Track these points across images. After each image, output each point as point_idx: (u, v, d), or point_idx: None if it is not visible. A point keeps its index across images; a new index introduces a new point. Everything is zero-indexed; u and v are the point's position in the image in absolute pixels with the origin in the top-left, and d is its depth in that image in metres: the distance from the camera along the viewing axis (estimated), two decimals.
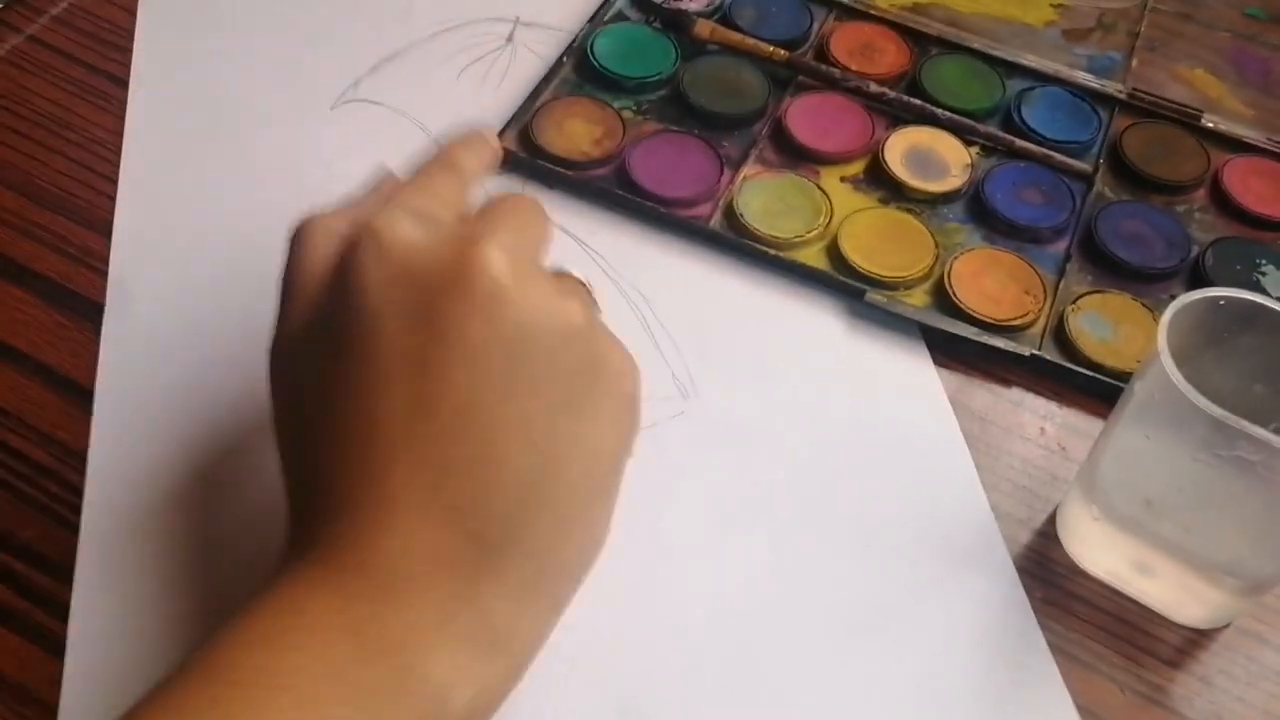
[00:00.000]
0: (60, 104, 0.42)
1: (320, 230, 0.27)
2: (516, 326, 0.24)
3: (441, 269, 0.24)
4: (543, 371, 0.24)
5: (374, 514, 0.23)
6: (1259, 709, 0.30)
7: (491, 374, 0.24)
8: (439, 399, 0.24)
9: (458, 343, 0.24)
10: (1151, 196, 0.41)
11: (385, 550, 0.23)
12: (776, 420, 0.34)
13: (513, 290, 0.24)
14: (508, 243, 0.25)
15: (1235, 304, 0.28)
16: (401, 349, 0.24)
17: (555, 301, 0.25)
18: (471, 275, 0.24)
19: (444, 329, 0.24)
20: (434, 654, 0.23)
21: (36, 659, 0.29)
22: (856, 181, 0.41)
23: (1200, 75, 0.45)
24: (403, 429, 0.24)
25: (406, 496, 0.23)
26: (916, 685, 0.30)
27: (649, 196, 0.39)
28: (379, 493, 0.24)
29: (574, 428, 0.24)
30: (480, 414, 0.24)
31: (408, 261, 0.24)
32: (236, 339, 0.35)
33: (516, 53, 0.45)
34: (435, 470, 0.23)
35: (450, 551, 0.23)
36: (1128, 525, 0.30)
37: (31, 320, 0.35)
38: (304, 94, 0.42)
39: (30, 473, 0.32)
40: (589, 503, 0.25)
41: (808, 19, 0.46)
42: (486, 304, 0.24)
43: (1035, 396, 0.36)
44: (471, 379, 0.24)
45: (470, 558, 0.23)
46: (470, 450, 0.24)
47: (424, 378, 0.24)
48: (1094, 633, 0.31)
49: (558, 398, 0.24)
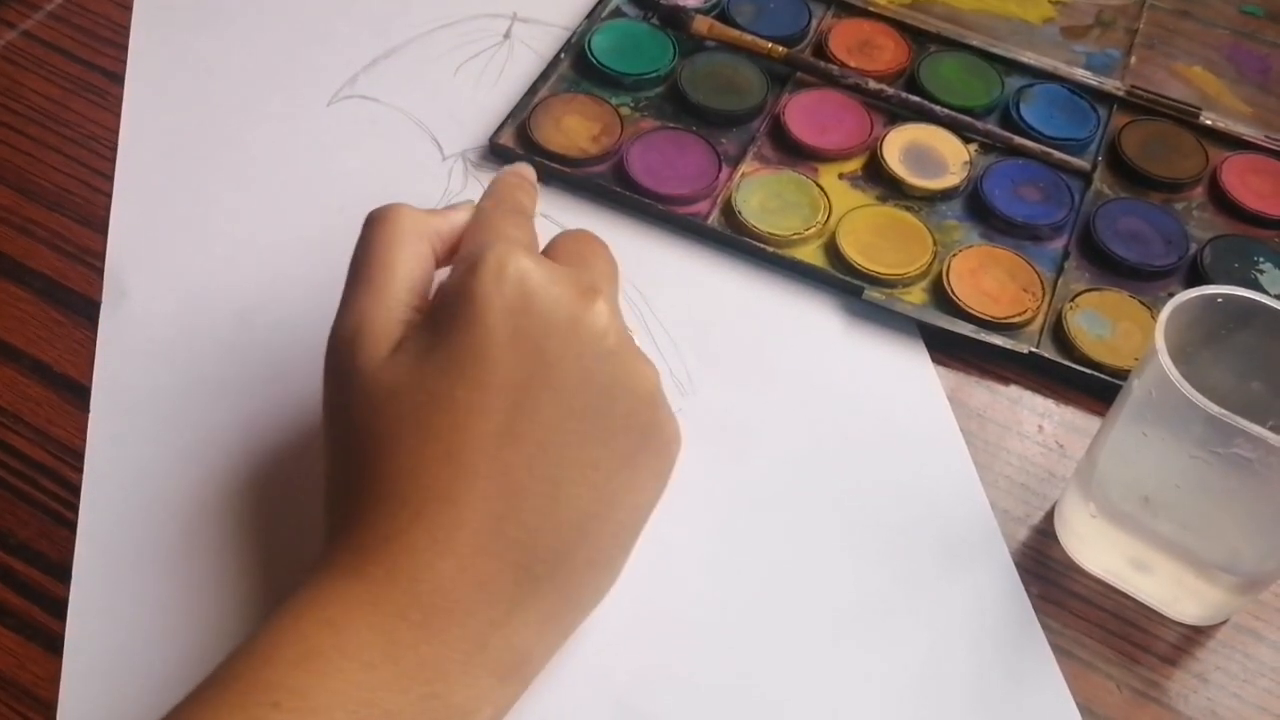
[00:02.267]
0: (56, 100, 0.41)
1: (408, 220, 0.28)
2: (612, 378, 0.26)
3: (559, 310, 0.25)
4: (619, 425, 0.26)
5: (437, 533, 0.24)
6: (1255, 705, 0.30)
7: (578, 418, 0.25)
8: (528, 431, 0.25)
9: (557, 382, 0.25)
10: (1150, 194, 0.41)
11: (440, 571, 0.24)
12: (774, 417, 0.34)
13: (614, 345, 0.26)
14: (611, 299, 0.27)
15: (1233, 302, 0.28)
16: (508, 377, 0.25)
17: (642, 364, 0.27)
18: (585, 324, 0.25)
19: (550, 365, 0.25)
20: (461, 683, 0.24)
21: (35, 657, 0.29)
22: (855, 179, 0.41)
23: (1199, 72, 0.45)
24: (490, 453, 0.24)
25: (475, 522, 0.24)
26: (915, 682, 0.30)
27: (647, 193, 0.39)
28: (449, 514, 0.24)
29: (628, 480, 0.26)
30: (555, 453, 0.25)
31: (527, 296, 0.25)
32: (234, 336, 0.35)
33: (514, 49, 0.44)
34: (506, 499, 0.24)
35: (498, 580, 0.24)
36: (1125, 522, 0.30)
37: (28, 317, 0.35)
38: (301, 90, 0.42)
39: (28, 470, 0.32)
40: (617, 549, 0.27)
41: (806, 15, 0.46)
42: (595, 351, 0.25)
43: (1033, 394, 0.36)
44: (561, 419, 0.25)
45: (512, 588, 0.24)
46: (540, 486, 0.25)
47: (519, 408, 0.25)
48: (1091, 630, 0.31)
49: (624, 450, 0.26)
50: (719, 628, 0.30)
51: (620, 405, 0.26)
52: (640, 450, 0.26)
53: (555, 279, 0.26)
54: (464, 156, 0.41)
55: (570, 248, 0.29)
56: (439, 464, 0.24)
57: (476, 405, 0.25)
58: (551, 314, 0.25)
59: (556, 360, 0.25)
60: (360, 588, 0.24)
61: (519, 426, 0.25)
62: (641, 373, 0.27)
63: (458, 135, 0.41)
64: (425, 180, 0.40)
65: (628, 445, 0.26)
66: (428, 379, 0.25)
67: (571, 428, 0.25)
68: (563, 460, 0.25)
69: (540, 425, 0.25)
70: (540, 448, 0.25)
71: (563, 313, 0.25)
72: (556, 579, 0.25)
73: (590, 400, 0.25)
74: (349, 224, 0.39)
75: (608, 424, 0.26)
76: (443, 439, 0.24)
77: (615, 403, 0.26)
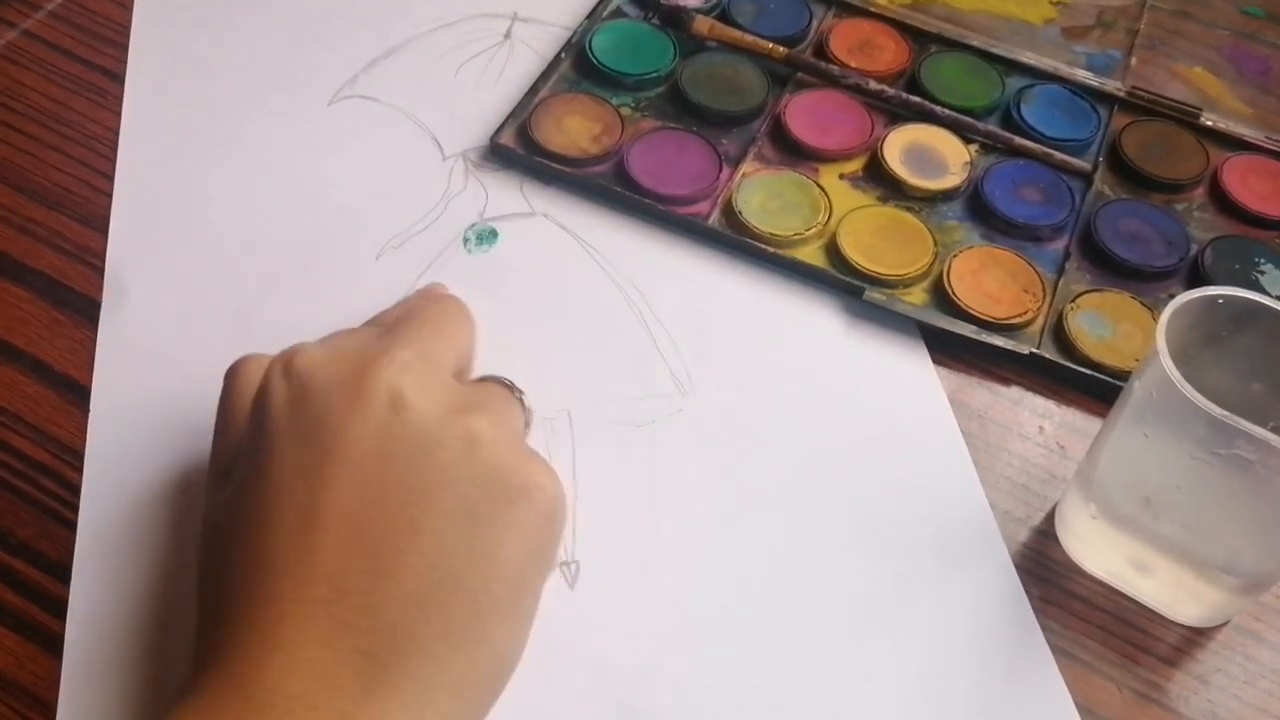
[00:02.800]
0: (56, 100, 0.41)
1: (253, 368, 0.28)
2: (410, 437, 0.24)
3: (339, 385, 0.25)
4: (438, 481, 0.24)
5: (263, 631, 0.23)
6: (1256, 707, 0.30)
7: (383, 484, 0.24)
8: (328, 510, 0.24)
9: (347, 455, 0.24)
10: (1150, 195, 0.41)
11: (270, 667, 0.23)
12: (774, 418, 0.34)
13: (411, 401, 0.25)
14: (410, 356, 0.26)
15: (1234, 303, 0.28)
16: (294, 465, 0.24)
17: (458, 414, 0.25)
18: (366, 389, 0.25)
19: (333, 442, 0.24)
20: None
21: (34, 656, 0.29)
22: (855, 179, 0.41)
23: (1199, 73, 0.45)
24: (292, 542, 0.24)
25: (296, 611, 0.23)
26: (915, 683, 0.30)
27: (647, 194, 0.39)
28: (270, 609, 0.23)
29: (473, 541, 0.24)
30: (370, 524, 0.24)
31: (308, 382, 0.25)
32: (234, 335, 0.35)
33: (514, 49, 0.44)
34: (325, 584, 0.23)
35: (337, 669, 0.23)
36: (1126, 524, 0.30)
37: (28, 317, 0.35)
38: (301, 89, 0.42)
39: (27, 470, 0.32)
40: (485, 619, 0.24)
41: (807, 16, 0.46)
42: (381, 416, 0.24)
43: (1034, 395, 0.36)
44: (361, 490, 0.24)
45: (358, 676, 0.23)
46: (360, 561, 0.23)
47: (312, 491, 0.24)
48: (1092, 631, 0.31)
49: (455, 509, 0.24)
50: (718, 628, 0.30)
51: (434, 462, 0.24)
52: (486, 507, 0.24)
53: (336, 356, 0.26)
54: (464, 156, 0.41)
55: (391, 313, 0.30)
56: (252, 567, 0.24)
57: (266, 500, 0.24)
58: (327, 391, 0.25)
59: (338, 435, 0.24)
60: (207, 702, 0.23)
61: (318, 510, 0.24)
62: (459, 421, 0.25)
63: (458, 135, 0.41)
64: (425, 180, 0.40)
65: (461, 503, 0.24)
66: (236, 494, 0.25)
67: (377, 498, 0.24)
68: (379, 532, 0.24)
69: (341, 503, 0.24)
70: (347, 523, 0.24)
71: (346, 386, 0.25)
72: (408, 662, 0.23)
73: (392, 465, 0.24)
74: (349, 223, 0.39)
75: (422, 484, 0.24)
76: (249, 543, 0.24)
77: (424, 460, 0.24)
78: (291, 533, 0.24)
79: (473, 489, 0.24)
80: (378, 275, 0.37)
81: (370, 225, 0.38)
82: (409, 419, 0.25)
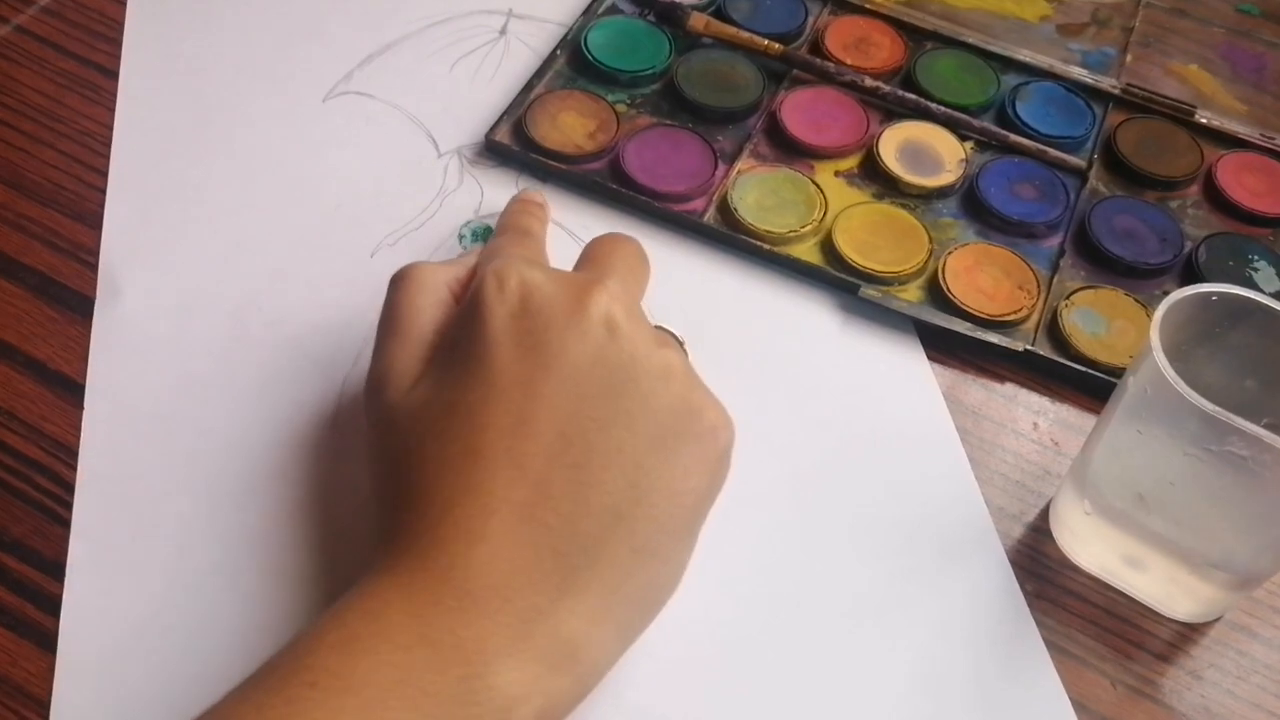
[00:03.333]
0: (49, 95, 0.41)
1: (426, 274, 0.30)
2: (621, 361, 0.26)
3: (558, 305, 0.27)
4: (640, 406, 0.26)
5: (468, 524, 0.25)
6: (1249, 702, 0.30)
7: (593, 402, 0.26)
8: (541, 420, 0.25)
9: (565, 369, 0.26)
10: (1145, 192, 0.41)
11: (473, 558, 0.24)
12: (770, 415, 0.34)
13: (624, 328, 0.27)
14: (619, 286, 0.28)
15: (1227, 300, 0.28)
16: (513, 374, 0.26)
17: (658, 346, 0.27)
18: (586, 311, 0.26)
19: (552, 356, 0.26)
20: (504, 666, 0.23)
21: (28, 654, 0.29)
22: (851, 176, 0.41)
23: (1194, 71, 0.45)
24: (506, 445, 0.25)
25: (503, 509, 0.25)
26: (910, 678, 0.30)
27: (642, 190, 0.39)
28: (476, 504, 0.25)
29: (662, 465, 0.26)
30: (577, 438, 0.25)
31: (528, 298, 0.27)
32: (228, 332, 0.35)
33: (509, 45, 0.44)
34: (532, 487, 0.25)
35: (536, 566, 0.24)
36: (1119, 520, 0.30)
37: (22, 314, 0.35)
38: (296, 86, 0.42)
39: (21, 467, 0.32)
40: (666, 539, 0.26)
41: (802, 13, 0.46)
42: (597, 337, 0.26)
43: (1028, 392, 0.36)
44: (573, 404, 0.26)
45: (553, 576, 0.24)
46: (565, 471, 0.25)
47: (529, 399, 0.26)
48: (1085, 626, 0.31)
49: (651, 433, 0.26)
50: (714, 625, 0.30)
51: (639, 388, 0.26)
52: (674, 436, 0.26)
53: (553, 278, 0.28)
54: (459, 153, 0.41)
55: (591, 251, 0.31)
56: (460, 460, 0.25)
57: (483, 402, 0.26)
58: (550, 309, 0.27)
59: (559, 351, 0.26)
60: (402, 579, 0.24)
61: (532, 418, 0.25)
62: (658, 355, 0.27)
63: (453, 132, 0.41)
64: (420, 177, 0.40)
65: (656, 429, 0.26)
66: (444, 392, 0.27)
67: (588, 414, 0.26)
68: (586, 447, 0.25)
69: (554, 415, 0.25)
70: (559, 436, 0.25)
71: (561, 306, 0.27)
72: (599, 568, 0.25)
73: (603, 385, 0.26)
74: (344, 220, 0.39)
75: (628, 407, 0.26)
76: (461, 439, 0.26)
77: (632, 385, 0.26)
78: (505, 435, 0.25)
79: (668, 417, 0.26)
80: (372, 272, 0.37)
81: (365, 222, 0.38)
82: (621, 344, 0.26)
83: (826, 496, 0.33)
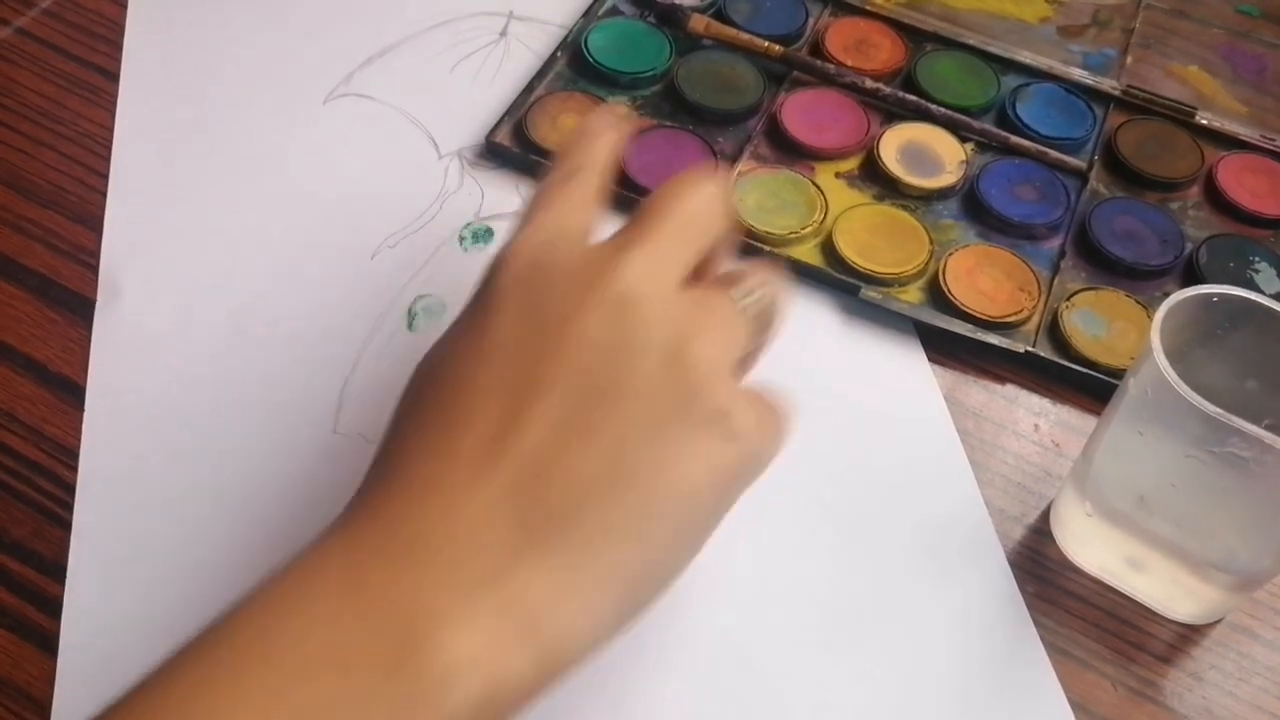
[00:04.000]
0: (50, 97, 0.41)
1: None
2: (629, 342, 0.24)
3: (567, 275, 0.25)
4: (639, 386, 0.24)
5: (430, 474, 0.23)
6: (1250, 704, 0.30)
7: (591, 377, 0.24)
8: (527, 387, 0.24)
9: (566, 344, 0.24)
10: (1145, 193, 0.41)
11: (428, 507, 0.23)
12: None
13: (637, 306, 0.25)
14: (646, 260, 0.25)
15: (1228, 301, 0.28)
16: (509, 336, 0.25)
17: (677, 328, 0.25)
18: (596, 288, 0.25)
19: (557, 330, 0.24)
20: (448, 630, 0.21)
21: (29, 656, 0.29)
22: (851, 178, 0.41)
23: (1194, 72, 0.45)
24: (482, 404, 0.24)
25: (470, 463, 0.23)
26: (910, 679, 0.30)
27: (643, 192, 0.39)
28: (443, 458, 0.23)
29: (653, 448, 0.24)
30: (568, 409, 0.24)
31: (539, 267, 0.25)
32: (228, 333, 0.35)
33: (510, 47, 0.44)
34: (505, 451, 0.23)
35: (493, 527, 0.23)
36: (1120, 521, 0.30)
37: (22, 316, 0.35)
38: (296, 87, 0.42)
39: (22, 469, 0.32)
40: (648, 524, 0.24)
41: (803, 14, 0.46)
42: (607, 315, 0.24)
43: (1029, 393, 0.36)
44: (571, 378, 0.24)
45: (511, 542, 0.23)
46: (539, 442, 0.24)
47: (526, 367, 0.24)
48: (1086, 628, 0.31)
49: (646, 416, 0.24)
50: (711, 627, 0.30)
51: (637, 366, 0.24)
52: (675, 421, 0.24)
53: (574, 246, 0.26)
54: (460, 155, 0.41)
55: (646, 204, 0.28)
56: (440, 414, 0.24)
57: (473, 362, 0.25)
58: (559, 283, 0.25)
59: (558, 328, 0.24)
60: (345, 533, 0.23)
61: (518, 382, 0.24)
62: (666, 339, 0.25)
63: (454, 133, 0.41)
64: (421, 179, 0.40)
65: (649, 411, 0.24)
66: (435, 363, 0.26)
67: (581, 387, 0.24)
68: (563, 418, 0.24)
69: (540, 382, 0.24)
70: (552, 405, 0.24)
71: (573, 280, 0.25)
72: (566, 533, 0.23)
73: (601, 361, 0.24)
74: (344, 222, 0.39)
75: (618, 384, 0.24)
76: (443, 395, 0.24)
77: (631, 363, 0.24)
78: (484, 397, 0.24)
79: (667, 402, 0.24)
80: (373, 274, 0.37)
81: (365, 224, 0.38)
82: (630, 324, 0.25)
83: (825, 497, 0.33)
